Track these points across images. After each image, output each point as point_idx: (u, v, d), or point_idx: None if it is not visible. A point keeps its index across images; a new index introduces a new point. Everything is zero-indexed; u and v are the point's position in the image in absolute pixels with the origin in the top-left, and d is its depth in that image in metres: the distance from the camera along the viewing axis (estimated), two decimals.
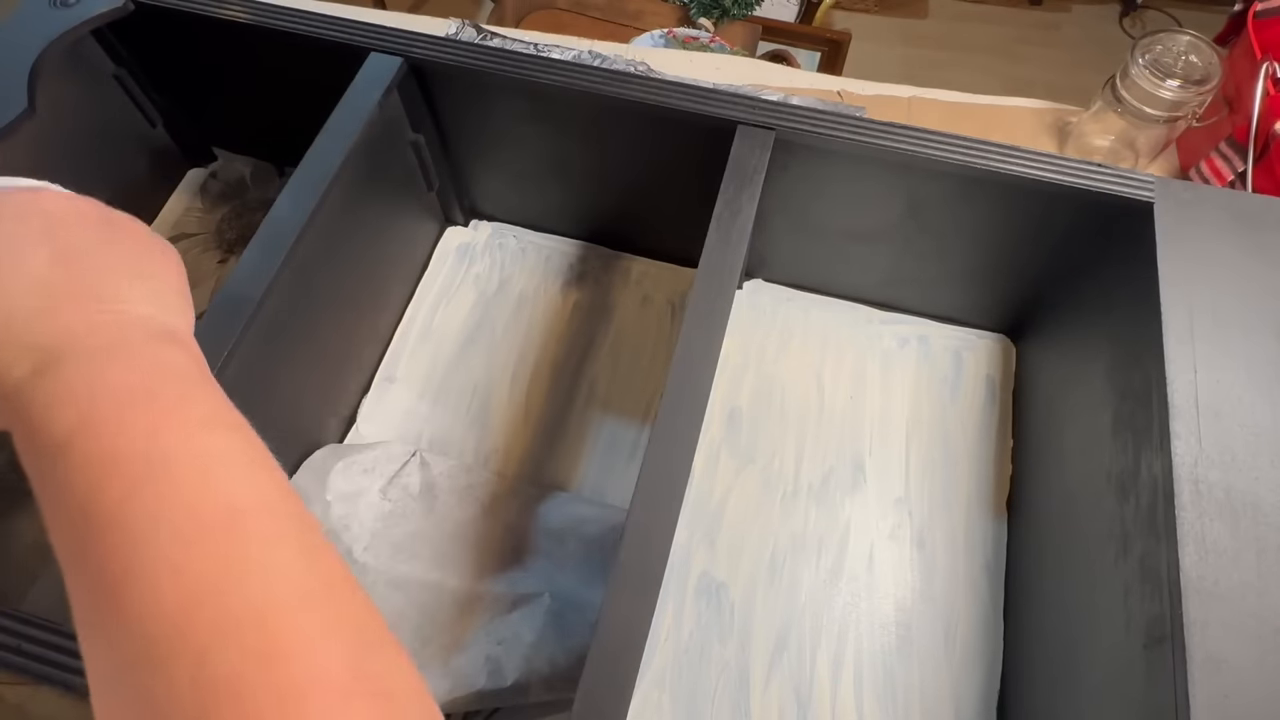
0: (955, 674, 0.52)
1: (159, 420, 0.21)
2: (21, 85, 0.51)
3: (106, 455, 0.20)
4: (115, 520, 0.19)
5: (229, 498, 0.21)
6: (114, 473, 0.20)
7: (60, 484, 0.20)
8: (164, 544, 0.19)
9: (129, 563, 0.19)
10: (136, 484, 0.20)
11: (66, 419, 0.21)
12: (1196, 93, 0.62)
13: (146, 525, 0.19)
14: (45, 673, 0.35)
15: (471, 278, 0.68)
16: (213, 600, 0.19)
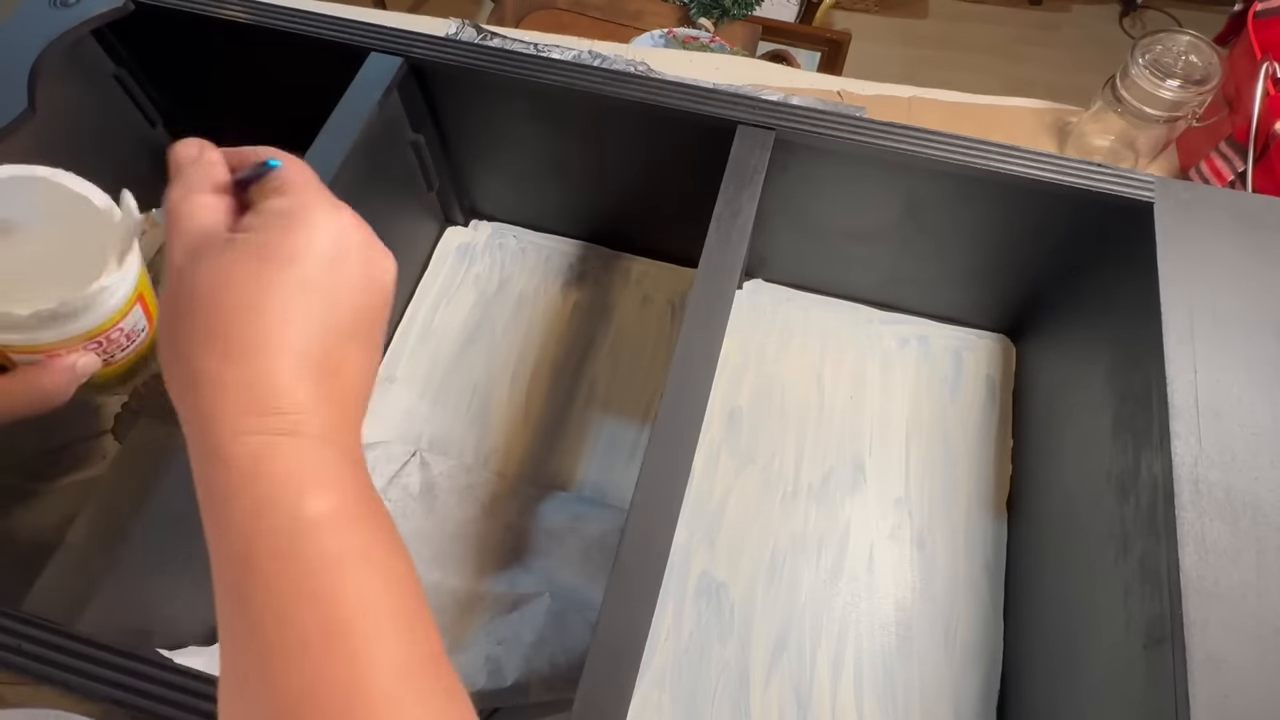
0: (955, 674, 0.52)
1: (324, 556, 0.23)
2: (21, 85, 0.51)
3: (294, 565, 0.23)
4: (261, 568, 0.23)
5: (333, 608, 0.23)
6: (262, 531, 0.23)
7: (223, 539, 0.24)
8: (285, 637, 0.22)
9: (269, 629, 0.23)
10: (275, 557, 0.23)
11: (239, 505, 0.24)
12: (1196, 93, 0.62)
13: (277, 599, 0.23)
14: (45, 673, 0.35)
15: (471, 278, 0.68)
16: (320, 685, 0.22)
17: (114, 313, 0.38)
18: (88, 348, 0.39)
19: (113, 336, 0.40)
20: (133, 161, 0.68)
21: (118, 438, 0.59)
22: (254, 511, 0.23)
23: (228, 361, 0.24)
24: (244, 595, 0.23)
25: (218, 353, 0.24)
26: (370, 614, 0.23)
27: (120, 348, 0.41)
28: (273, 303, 0.24)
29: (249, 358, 0.24)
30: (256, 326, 0.24)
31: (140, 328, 0.42)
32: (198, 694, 0.35)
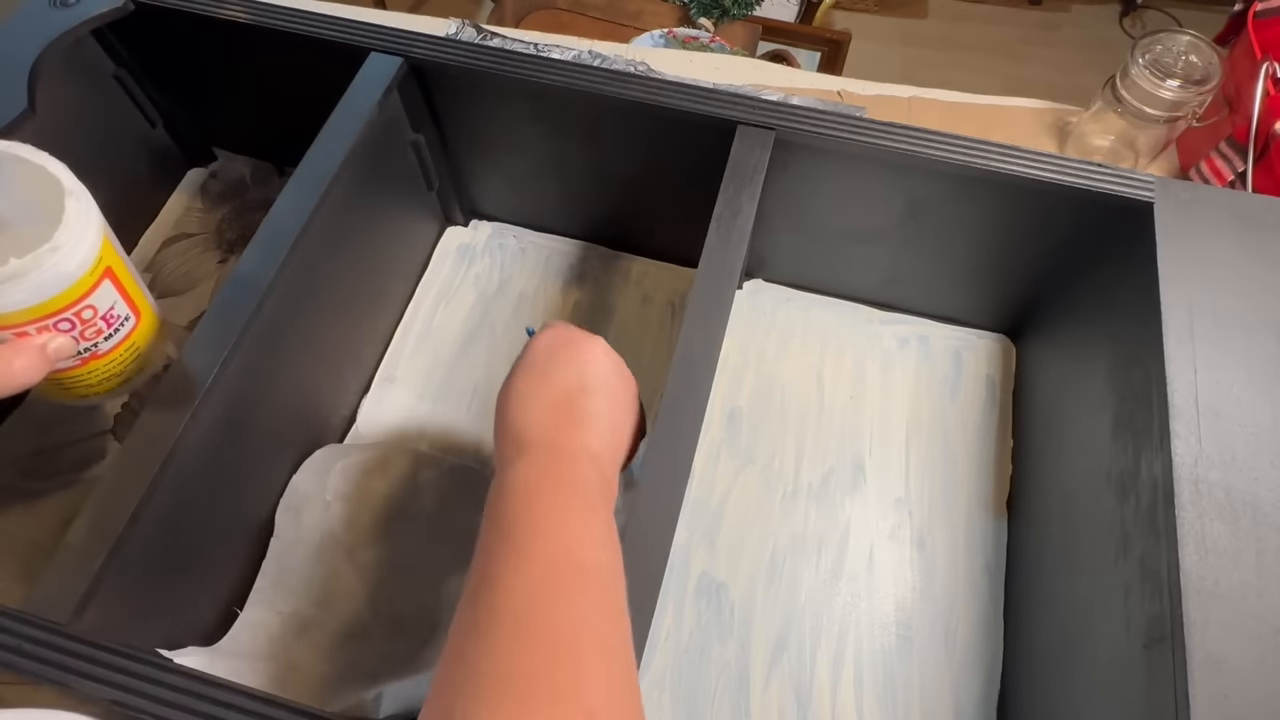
0: (955, 674, 0.52)
1: (559, 499, 0.35)
2: (21, 85, 0.51)
3: (526, 510, 0.35)
4: (517, 536, 0.33)
5: (585, 558, 0.33)
6: (523, 519, 0.34)
7: (497, 508, 0.35)
8: (540, 554, 0.32)
9: (518, 552, 0.32)
10: (535, 526, 0.34)
11: (517, 480, 0.36)
12: (1196, 93, 0.62)
13: (535, 544, 0.33)
14: (45, 673, 0.35)
15: (471, 278, 0.68)
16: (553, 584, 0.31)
17: (75, 281, 0.37)
18: (58, 326, 0.38)
19: (84, 316, 0.38)
20: (133, 161, 0.68)
21: (118, 438, 0.59)
22: (525, 491, 0.35)
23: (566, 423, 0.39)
24: (507, 528, 0.34)
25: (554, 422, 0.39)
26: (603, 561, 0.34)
27: (101, 334, 0.40)
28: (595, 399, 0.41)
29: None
30: None
31: (121, 314, 0.41)
32: (198, 694, 0.35)
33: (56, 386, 0.42)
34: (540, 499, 0.35)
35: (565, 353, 0.42)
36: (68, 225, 0.36)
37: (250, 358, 0.45)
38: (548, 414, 0.39)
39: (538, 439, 0.38)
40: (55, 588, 0.36)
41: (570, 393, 0.40)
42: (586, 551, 0.33)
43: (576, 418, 0.39)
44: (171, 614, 0.46)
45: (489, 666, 0.28)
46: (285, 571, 0.52)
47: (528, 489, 0.35)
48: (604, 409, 0.40)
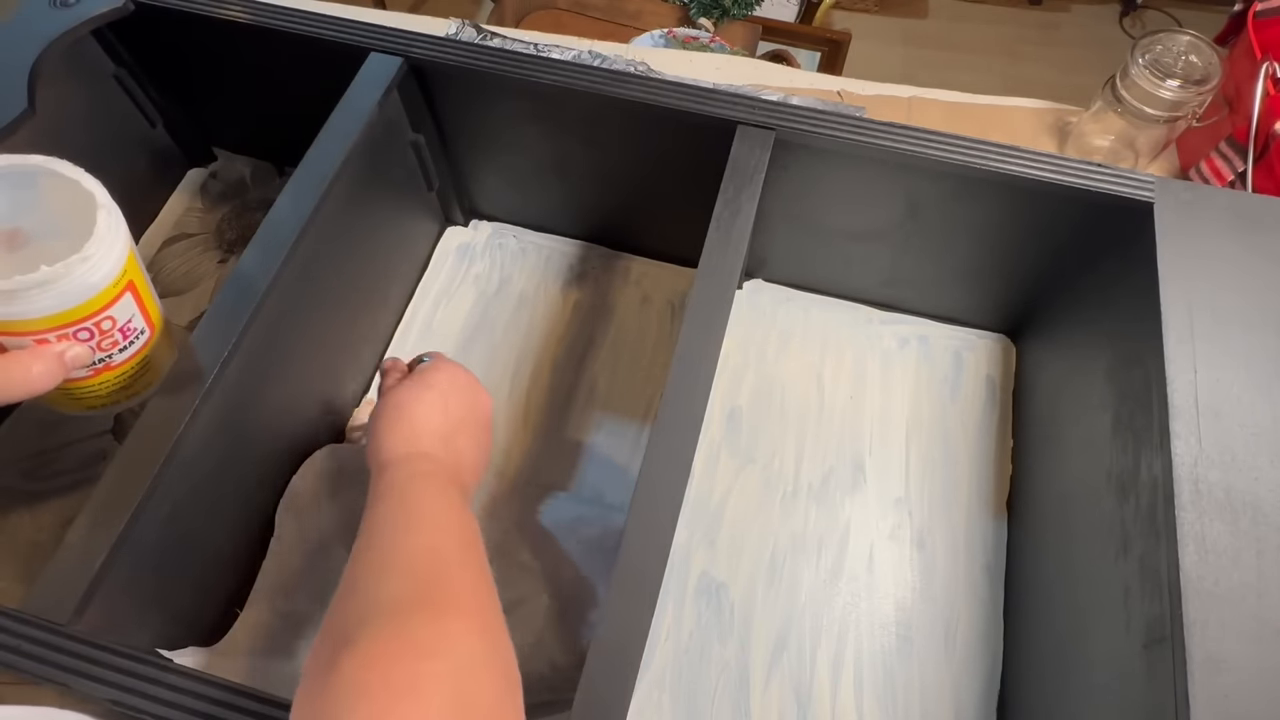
0: (955, 674, 0.52)
1: (446, 494, 0.40)
2: (21, 85, 0.51)
3: (422, 494, 0.40)
4: (413, 510, 0.38)
5: (433, 541, 0.37)
6: (419, 500, 0.39)
7: (388, 491, 0.40)
8: (430, 524, 0.38)
9: (413, 521, 0.38)
10: (427, 505, 0.39)
11: (414, 473, 0.41)
12: (1196, 93, 0.62)
13: (427, 517, 0.38)
14: (45, 673, 0.35)
15: (471, 278, 0.68)
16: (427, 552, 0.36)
17: (98, 292, 0.38)
18: (77, 336, 0.38)
19: (103, 326, 0.39)
20: (133, 161, 0.68)
21: (118, 438, 0.59)
22: (405, 496, 0.39)
23: (404, 440, 0.43)
24: (404, 504, 0.39)
25: (401, 434, 0.43)
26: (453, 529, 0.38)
27: (116, 345, 0.41)
28: (419, 407, 0.45)
29: (415, 436, 0.43)
30: (414, 421, 0.44)
31: (137, 327, 0.42)
32: (198, 694, 0.35)
33: (65, 396, 0.42)
34: (431, 488, 0.40)
35: (466, 391, 0.47)
36: (98, 237, 0.37)
37: (250, 358, 0.45)
38: (443, 432, 0.44)
39: (432, 448, 0.43)
40: (55, 588, 0.36)
41: (461, 422, 0.46)
42: (466, 531, 0.38)
43: (462, 443, 0.45)
44: (171, 614, 0.46)
45: (375, 593, 0.33)
46: (285, 572, 0.52)
47: (426, 478, 0.41)
48: (478, 446, 0.46)
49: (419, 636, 0.30)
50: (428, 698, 0.28)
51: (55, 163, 0.39)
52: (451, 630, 0.31)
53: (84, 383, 0.41)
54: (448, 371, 0.47)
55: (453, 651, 0.30)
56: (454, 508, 0.40)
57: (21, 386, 0.37)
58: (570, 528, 0.55)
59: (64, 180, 0.39)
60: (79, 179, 0.39)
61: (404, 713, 0.27)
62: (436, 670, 0.29)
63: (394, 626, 0.31)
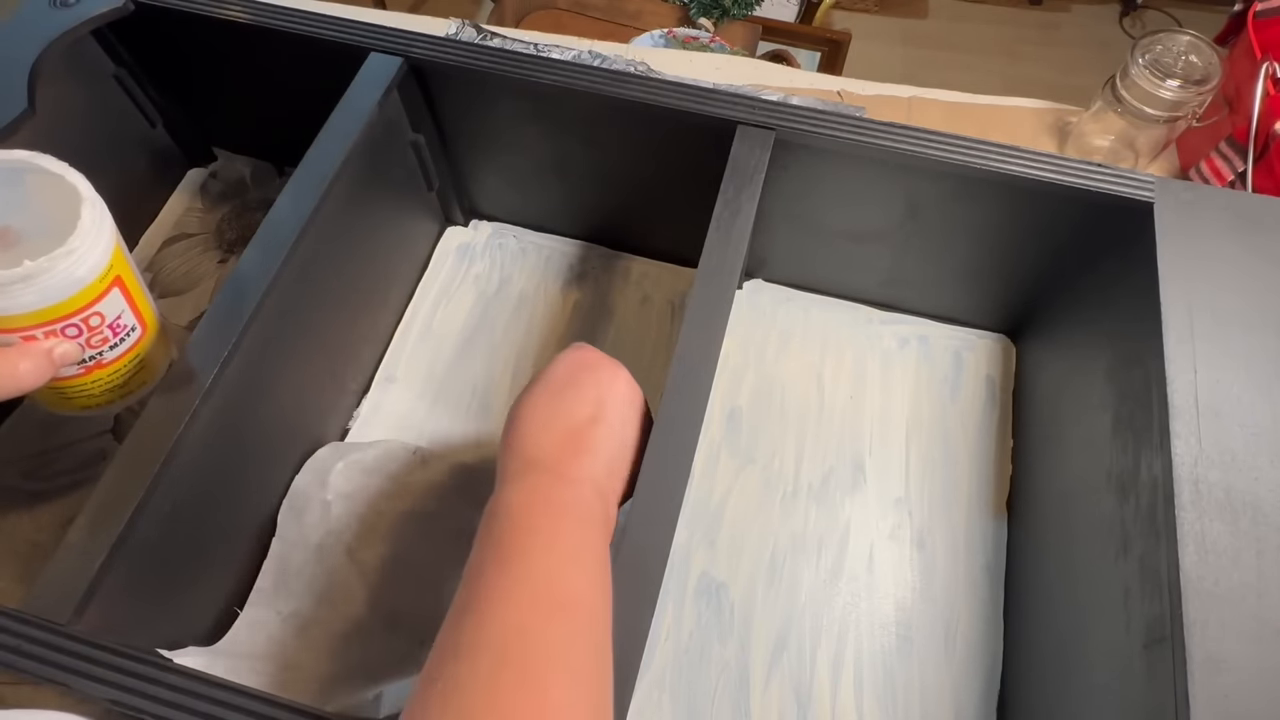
0: (955, 674, 0.52)
1: (553, 523, 0.36)
2: (21, 85, 0.51)
3: (522, 535, 0.35)
4: (512, 562, 0.34)
5: (573, 589, 0.34)
6: (518, 544, 0.35)
7: (493, 522, 0.36)
8: (527, 589, 0.33)
9: (509, 579, 0.33)
10: (527, 553, 0.34)
11: (516, 502, 0.37)
12: (1196, 93, 0.62)
13: (526, 574, 0.34)
14: (45, 673, 0.35)
15: (471, 278, 0.68)
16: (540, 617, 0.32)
17: (84, 286, 0.37)
18: (65, 332, 0.38)
19: (91, 323, 0.39)
20: (133, 161, 0.68)
21: (118, 438, 0.59)
22: (524, 515, 0.36)
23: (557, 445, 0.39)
24: (502, 550, 0.35)
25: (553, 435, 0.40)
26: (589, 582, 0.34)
27: (106, 342, 0.40)
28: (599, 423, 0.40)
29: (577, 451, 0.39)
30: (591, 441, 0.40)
31: (128, 324, 0.41)
32: (198, 694, 0.35)
33: (58, 396, 0.42)
34: (536, 524, 0.35)
35: (587, 378, 0.42)
36: (82, 231, 0.37)
37: (250, 358, 0.45)
38: (557, 438, 0.39)
39: (543, 461, 0.38)
40: (55, 588, 0.36)
41: (583, 421, 0.40)
42: (573, 586, 0.33)
43: (585, 446, 0.39)
44: (171, 614, 0.46)
45: (458, 693, 0.29)
46: (286, 572, 0.52)
47: (527, 510, 0.36)
48: (614, 443, 0.40)
49: None
50: None
51: (40, 158, 0.38)
52: None
53: (75, 381, 0.41)
54: (566, 356, 0.43)
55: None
56: (573, 552, 0.35)
57: (9, 384, 0.36)
58: None
59: (49, 176, 0.38)
60: (63, 173, 0.38)
61: None
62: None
63: None
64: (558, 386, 0.41)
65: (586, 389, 0.41)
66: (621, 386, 0.42)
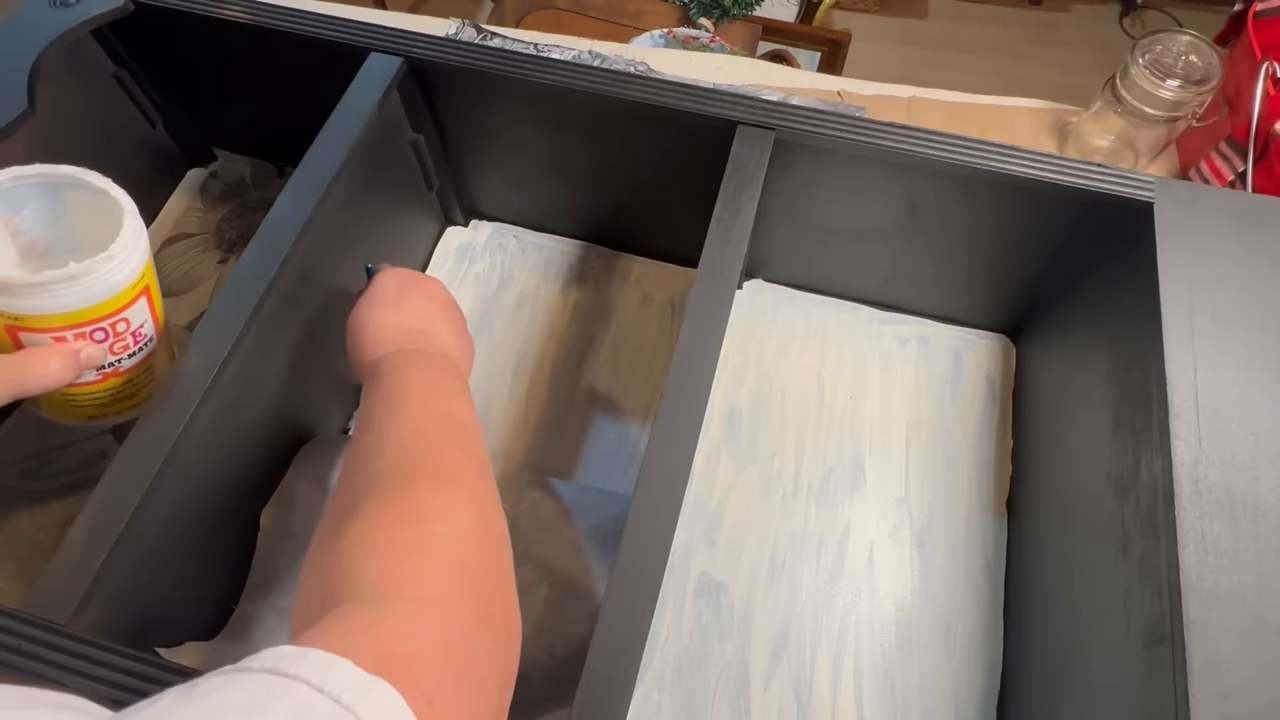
0: (955, 674, 0.52)
1: (429, 376, 0.41)
2: (21, 85, 0.51)
3: (403, 382, 0.40)
4: (398, 398, 0.39)
5: (447, 408, 0.39)
6: (402, 387, 0.39)
7: (374, 387, 0.40)
8: (417, 406, 0.38)
9: (400, 407, 0.38)
10: (411, 391, 0.39)
11: (391, 367, 0.41)
12: (1196, 93, 0.62)
13: (413, 400, 0.39)
14: (45, 673, 0.35)
15: (471, 278, 0.68)
16: (430, 426, 0.38)
17: (119, 291, 0.39)
18: (93, 336, 0.39)
19: (118, 329, 0.40)
20: (132, 161, 0.68)
21: (118, 438, 0.59)
22: (390, 388, 0.39)
23: (371, 347, 0.44)
24: (389, 394, 0.39)
25: (367, 344, 0.44)
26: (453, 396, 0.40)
27: (126, 349, 0.41)
28: (371, 315, 0.45)
29: (381, 340, 0.44)
30: (373, 327, 0.45)
31: (148, 334, 0.42)
32: None
33: (67, 402, 0.43)
34: (413, 378, 0.40)
35: (415, 289, 0.47)
36: (124, 238, 0.39)
37: (250, 358, 0.45)
38: (406, 331, 0.44)
39: (402, 343, 0.43)
40: (55, 588, 0.36)
41: (424, 317, 0.46)
42: (451, 407, 0.39)
43: (432, 334, 0.45)
44: (171, 614, 0.46)
45: (377, 469, 0.34)
46: (277, 566, 0.52)
47: (403, 371, 0.40)
48: (453, 335, 0.46)
49: (420, 504, 0.32)
50: (433, 555, 0.30)
51: (83, 173, 0.40)
52: (450, 499, 0.33)
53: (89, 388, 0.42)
54: (389, 275, 0.48)
55: (453, 518, 0.32)
56: (439, 386, 0.40)
57: (39, 381, 0.38)
58: (567, 516, 0.55)
59: (92, 190, 0.40)
60: (107, 189, 0.40)
61: (412, 566, 0.29)
62: (439, 532, 0.31)
63: (396, 494, 0.32)
64: (390, 296, 0.46)
65: (416, 298, 0.47)
66: (443, 291, 0.49)
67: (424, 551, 0.30)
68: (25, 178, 0.40)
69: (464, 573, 0.30)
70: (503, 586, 0.33)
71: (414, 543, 0.30)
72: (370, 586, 0.28)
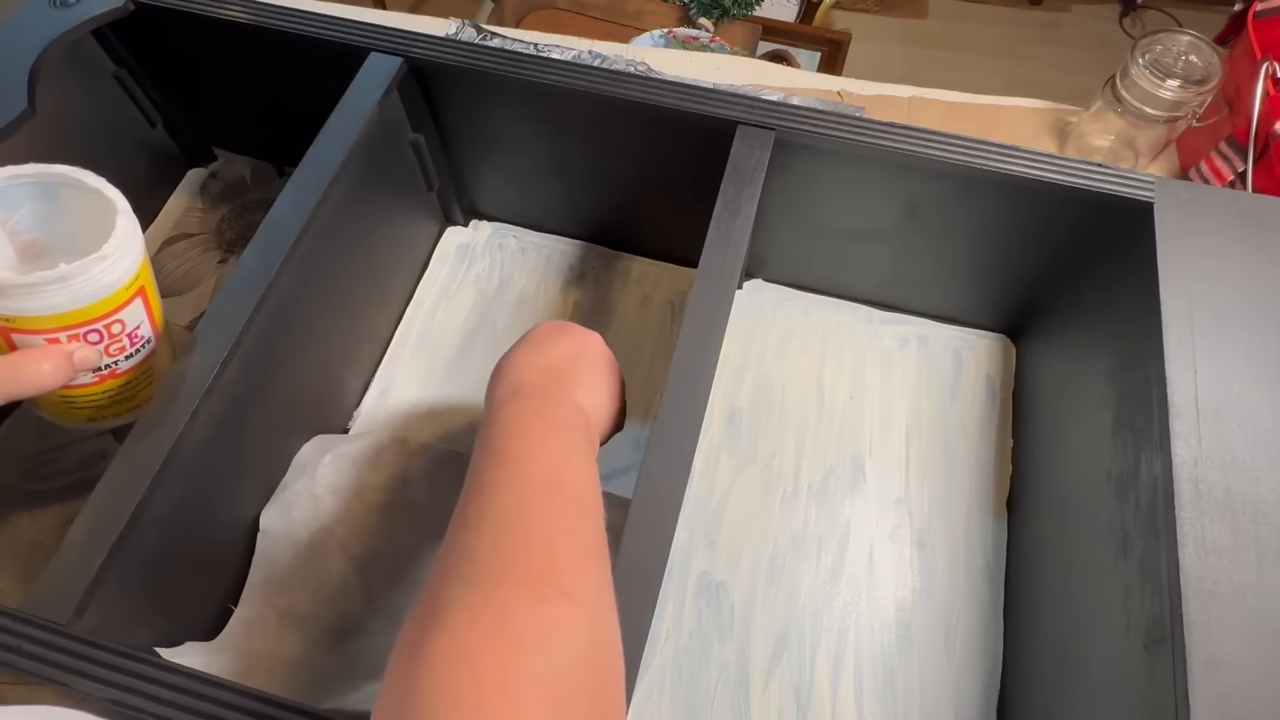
0: (955, 674, 0.52)
1: (545, 429, 0.38)
2: (21, 85, 0.51)
3: (516, 436, 0.37)
4: (508, 456, 0.36)
5: (562, 475, 0.36)
6: (512, 443, 0.37)
7: (484, 437, 0.37)
8: (526, 471, 0.35)
9: (506, 469, 0.35)
10: (524, 448, 0.36)
11: (509, 415, 0.38)
12: (1196, 93, 0.62)
13: (523, 462, 0.36)
14: (45, 673, 0.35)
15: (471, 278, 0.68)
16: (543, 496, 0.34)
17: (112, 293, 0.38)
18: (87, 337, 0.39)
19: (113, 330, 0.40)
20: (132, 161, 0.68)
21: (117, 438, 0.59)
22: (504, 442, 0.37)
23: (502, 387, 0.41)
24: (498, 452, 0.36)
25: (500, 385, 0.42)
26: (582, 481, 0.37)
27: (123, 351, 0.41)
28: (513, 354, 0.44)
29: (515, 380, 0.41)
30: (510, 367, 0.42)
31: (145, 336, 0.42)
32: (198, 694, 0.35)
33: (66, 405, 0.43)
34: (529, 430, 0.37)
35: (565, 335, 0.45)
36: (117, 238, 0.38)
37: (250, 358, 0.45)
38: (542, 373, 0.41)
39: (530, 387, 0.40)
40: (55, 588, 0.36)
41: (566, 360, 0.43)
42: (567, 475, 0.36)
43: (569, 378, 0.42)
44: (171, 614, 0.46)
45: (472, 555, 0.31)
46: (276, 566, 0.52)
47: (519, 421, 0.38)
48: (594, 380, 0.43)
49: (516, 623, 0.28)
50: (523, 706, 0.26)
51: (78, 172, 0.40)
52: (551, 617, 0.28)
53: (86, 390, 0.42)
54: (547, 322, 0.46)
55: (553, 646, 0.28)
56: (557, 445, 0.37)
57: (32, 383, 0.37)
58: None
59: (86, 190, 0.40)
60: (101, 188, 0.40)
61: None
62: (534, 670, 0.27)
63: (486, 603, 0.29)
64: (538, 340, 0.44)
65: (565, 341, 0.44)
66: (597, 342, 0.45)
67: (512, 701, 0.26)
68: (20, 177, 0.39)
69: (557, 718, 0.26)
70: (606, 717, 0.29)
71: (500, 687, 0.26)
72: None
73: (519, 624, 0.28)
